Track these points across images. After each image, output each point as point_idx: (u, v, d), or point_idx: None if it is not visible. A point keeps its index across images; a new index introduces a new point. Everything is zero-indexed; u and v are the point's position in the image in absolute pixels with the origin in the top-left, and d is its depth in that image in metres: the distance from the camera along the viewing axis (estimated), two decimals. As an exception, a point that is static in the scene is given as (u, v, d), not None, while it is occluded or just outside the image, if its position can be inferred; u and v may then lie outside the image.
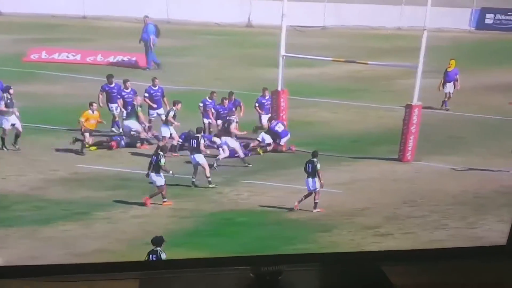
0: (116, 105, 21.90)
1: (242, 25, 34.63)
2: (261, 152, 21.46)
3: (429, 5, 20.20)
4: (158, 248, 15.57)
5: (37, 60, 25.02)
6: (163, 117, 21.54)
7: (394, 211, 17.98)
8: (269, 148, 21.59)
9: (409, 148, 20.84)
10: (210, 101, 21.93)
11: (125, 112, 21.71)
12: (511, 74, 27.99)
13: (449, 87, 24.92)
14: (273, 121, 21.78)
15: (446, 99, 24.66)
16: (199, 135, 20.05)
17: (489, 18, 36.32)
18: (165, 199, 18.34)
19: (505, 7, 36.19)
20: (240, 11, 34.68)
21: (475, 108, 24.18)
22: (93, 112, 20.78)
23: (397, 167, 20.53)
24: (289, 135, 21.66)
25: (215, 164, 20.08)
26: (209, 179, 19.38)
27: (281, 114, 22.20)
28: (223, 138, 20.92)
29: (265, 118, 22.41)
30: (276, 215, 17.80)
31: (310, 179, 19.01)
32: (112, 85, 22.15)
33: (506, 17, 36.25)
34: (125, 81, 22.14)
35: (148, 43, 25.75)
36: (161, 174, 18.50)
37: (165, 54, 26.93)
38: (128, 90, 21.99)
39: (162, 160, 18.52)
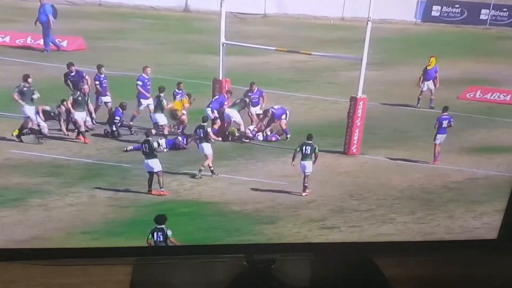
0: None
1: (179, 10, 34.95)
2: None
3: (373, -6, 20.82)
4: (163, 226, 16.30)
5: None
6: (151, 107, 22.11)
7: (340, 204, 18.68)
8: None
9: (355, 142, 21.54)
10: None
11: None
12: (458, 68, 29.26)
13: (429, 85, 25.69)
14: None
15: (430, 97, 25.50)
16: (205, 124, 20.83)
17: (435, 10, 37.14)
18: (162, 188, 18.93)
19: (452, -1, 37.52)
20: (178, -6, 35.00)
21: (421, 102, 24.87)
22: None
23: (343, 160, 21.23)
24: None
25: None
26: (212, 168, 20.18)
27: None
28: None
29: (254, 110, 23.24)
30: (219, 207, 18.30)
31: (306, 162, 19.95)
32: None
33: (453, 9, 37.20)
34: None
35: (46, 24, 25.77)
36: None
37: (98, 37, 27.15)
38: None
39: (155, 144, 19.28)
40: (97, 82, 22.60)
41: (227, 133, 22.41)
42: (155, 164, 19.02)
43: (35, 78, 21.07)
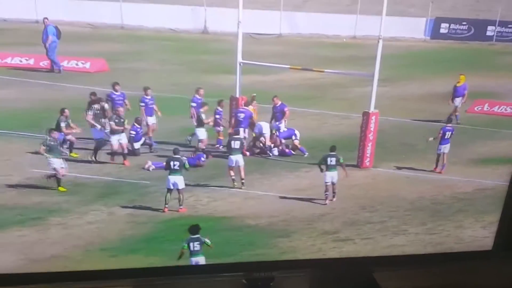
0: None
1: (198, 32, 34.64)
2: None
3: (384, 15, 20.22)
4: (199, 235, 15.56)
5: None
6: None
7: (353, 217, 18.10)
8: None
9: (368, 155, 20.92)
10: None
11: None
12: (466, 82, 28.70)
13: (458, 102, 25.05)
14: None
15: (455, 113, 24.88)
16: (241, 136, 20.62)
17: (444, 28, 36.85)
18: (181, 205, 18.40)
19: (459, 16, 37.02)
20: (196, 17, 34.67)
21: (430, 115, 24.40)
22: None
23: (356, 173, 20.55)
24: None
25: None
26: (243, 180, 19.70)
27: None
28: None
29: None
30: (235, 221, 17.68)
31: (332, 173, 19.51)
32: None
33: (461, 27, 36.85)
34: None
35: (50, 45, 25.39)
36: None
37: (119, 59, 26.77)
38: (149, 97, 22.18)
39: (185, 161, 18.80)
40: (142, 104, 22.00)
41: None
42: (179, 181, 18.44)
43: (58, 99, 20.76)
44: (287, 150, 21.93)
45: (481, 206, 18.59)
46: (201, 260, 15.52)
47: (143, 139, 21.14)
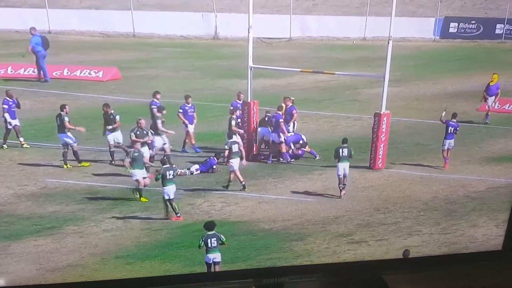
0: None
1: (209, 38, 34.64)
2: None
3: (393, 15, 20.01)
4: (215, 231, 15.35)
5: (2, 75, 24.67)
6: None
7: (367, 218, 17.91)
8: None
9: (380, 156, 20.70)
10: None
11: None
12: (475, 80, 28.48)
13: (491, 101, 24.83)
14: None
15: (487, 113, 24.67)
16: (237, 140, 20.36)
17: (453, 27, 36.75)
18: (178, 213, 18.12)
19: (468, 15, 36.91)
20: (207, 24, 34.65)
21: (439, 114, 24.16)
22: None
23: (368, 174, 20.40)
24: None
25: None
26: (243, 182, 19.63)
27: (253, 125, 21.90)
28: None
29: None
30: (249, 225, 17.51)
31: (344, 164, 19.50)
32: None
33: (470, 25, 36.74)
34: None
35: (39, 54, 25.36)
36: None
37: (131, 67, 26.77)
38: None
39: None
40: (180, 111, 21.87)
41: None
42: (173, 190, 18.11)
43: (71, 108, 20.70)
44: (299, 152, 21.76)
45: (494, 205, 18.40)
46: (217, 256, 15.33)
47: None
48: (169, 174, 17.92)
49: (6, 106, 20.98)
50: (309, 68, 24.92)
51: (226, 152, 19.63)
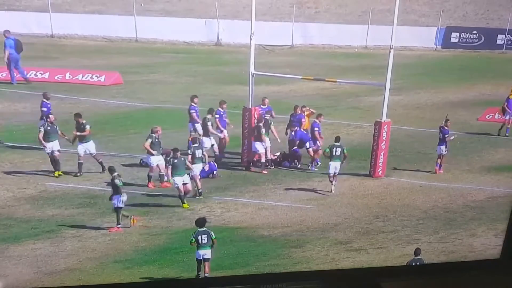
0: None
1: (211, 44, 34.60)
2: None
3: (395, 24, 19.92)
4: (206, 228, 15.44)
5: (4, 78, 24.59)
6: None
7: (366, 226, 17.79)
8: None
9: (380, 164, 20.54)
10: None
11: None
12: (476, 90, 28.44)
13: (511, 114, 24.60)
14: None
15: (507, 126, 24.38)
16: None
17: (454, 37, 36.72)
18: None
19: (469, 25, 36.89)
20: (210, 30, 34.62)
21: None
22: None
23: (368, 182, 20.25)
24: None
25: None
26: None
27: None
28: None
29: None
30: (248, 232, 17.37)
31: (336, 163, 19.78)
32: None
33: (471, 36, 36.71)
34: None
35: (11, 57, 25.23)
36: None
37: (133, 72, 26.69)
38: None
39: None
40: (217, 116, 21.72)
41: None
42: (121, 199, 17.46)
43: (72, 112, 20.64)
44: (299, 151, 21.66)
45: (493, 214, 18.32)
46: (207, 253, 15.40)
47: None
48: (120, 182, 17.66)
49: (45, 109, 20.98)
50: (310, 75, 24.82)
51: (189, 157, 19.36)
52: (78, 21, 32.91)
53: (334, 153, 19.79)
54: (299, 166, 21.36)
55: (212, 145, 21.06)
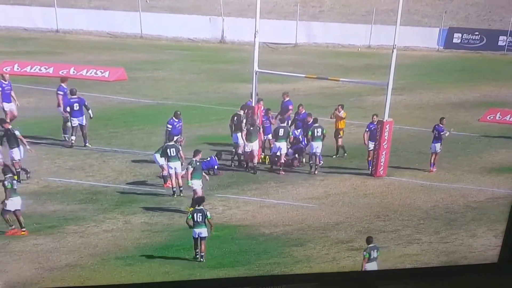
0: None
1: (215, 41, 34.53)
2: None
3: (398, 25, 19.74)
4: (202, 207, 15.73)
5: (8, 73, 24.38)
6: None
7: (367, 226, 17.58)
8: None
9: (381, 164, 20.34)
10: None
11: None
12: (477, 91, 28.27)
13: None
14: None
15: None
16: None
17: (456, 38, 36.70)
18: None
19: (472, 26, 36.83)
20: (214, 27, 34.55)
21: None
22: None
23: (369, 182, 20.08)
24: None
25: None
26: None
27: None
28: None
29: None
30: (250, 230, 17.17)
31: (317, 143, 20.48)
32: None
33: (473, 37, 36.68)
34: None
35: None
36: None
37: (138, 68, 26.56)
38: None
39: None
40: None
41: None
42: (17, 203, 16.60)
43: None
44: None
45: (494, 215, 18.09)
46: (203, 231, 15.62)
47: None
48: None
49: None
50: (314, 74, 24.69)
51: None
52: (83, 16, 32.84)
53: (316, 134, 20.41)
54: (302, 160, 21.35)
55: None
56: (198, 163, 18.09)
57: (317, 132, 20.42)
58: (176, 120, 20.22)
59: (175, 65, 28.68)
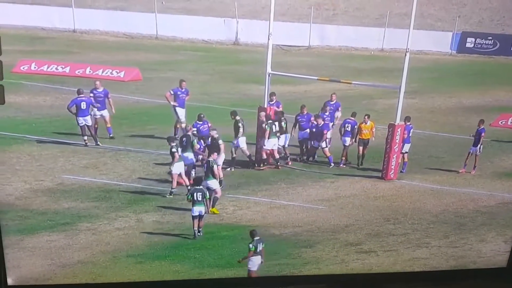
0: None
1: (229, 43, 34.58)
2: None
3: (411, 28, 19.72)
4: (201, 187, 16.55)
5: (26, 71, 24.52)
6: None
7: (376, 228, 17.59)
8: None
9: (392, 167, 20.34)
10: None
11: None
12: (490, 96, 28.17)
13: None
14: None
15: None
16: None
17: (469, 42, 36.57)
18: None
19: (485, 31, 36.69)
20: (228, 29, 34.62)
21: (455, 128, 23.95)
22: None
23: (380, 185, 20.08)
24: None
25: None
26: None
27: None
28: None
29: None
30: (259, 230, 16.88)
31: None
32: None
33: (486, 41, 36.53)
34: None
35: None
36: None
37: (153, 69, 26.57)
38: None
39: None
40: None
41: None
42: None
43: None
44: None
45: (503, 220, 18.09)
46: (202, 210, 16.46)
47: None
48: None
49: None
50: (326, 76, 24.68)
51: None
52: (100, 17, 32.98)
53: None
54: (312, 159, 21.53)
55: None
56: (214, 164, 18.21)
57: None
58: (200, 123, 20.32)
59: (189, 66, 28.75)
